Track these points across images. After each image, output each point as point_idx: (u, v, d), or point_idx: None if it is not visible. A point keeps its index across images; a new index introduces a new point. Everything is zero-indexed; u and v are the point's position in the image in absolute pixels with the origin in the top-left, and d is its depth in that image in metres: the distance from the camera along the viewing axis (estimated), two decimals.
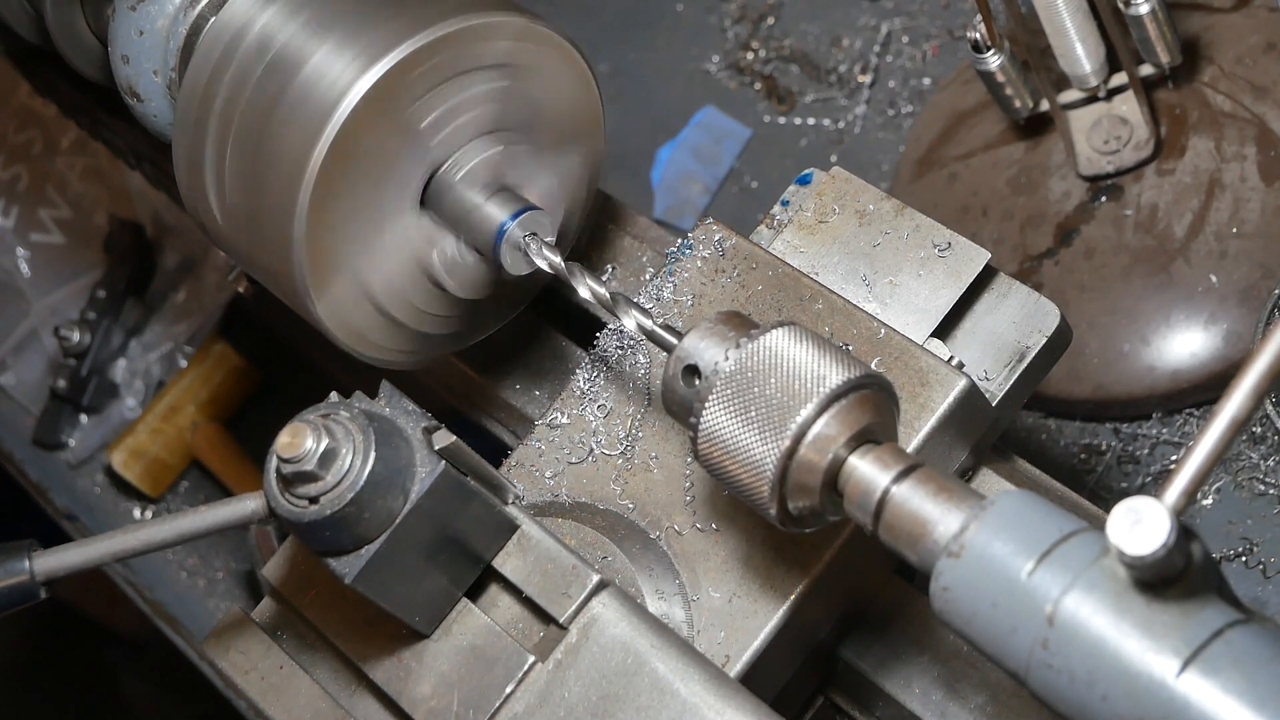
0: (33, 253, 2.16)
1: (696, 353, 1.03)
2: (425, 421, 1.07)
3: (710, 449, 1.02)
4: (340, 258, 1.16)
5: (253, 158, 1.16)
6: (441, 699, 1.09)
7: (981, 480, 1.21)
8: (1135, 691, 0.82)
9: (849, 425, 0.98)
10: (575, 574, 1.09)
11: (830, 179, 1.29)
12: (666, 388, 1.05)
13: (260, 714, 1.17)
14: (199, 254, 2.06)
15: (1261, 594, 1.48)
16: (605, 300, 1.15)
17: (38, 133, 2.20)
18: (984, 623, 0.88)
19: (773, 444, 0.98)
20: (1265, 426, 1.54)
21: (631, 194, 1.94)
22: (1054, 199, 1.64)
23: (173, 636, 1.89)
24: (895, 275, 1.23)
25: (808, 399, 0.98)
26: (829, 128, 1.90)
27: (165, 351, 2.05)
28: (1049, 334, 1.22)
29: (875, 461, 0.98)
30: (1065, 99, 1.62)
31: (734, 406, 1.00)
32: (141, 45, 1.27)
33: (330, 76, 1.12)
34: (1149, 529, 0.80)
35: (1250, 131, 1.58)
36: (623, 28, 2.07)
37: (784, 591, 1.13)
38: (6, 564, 1.08)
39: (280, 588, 1.20)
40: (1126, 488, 1.58)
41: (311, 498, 1.03)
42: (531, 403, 1.35)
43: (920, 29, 1.91)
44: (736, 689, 1.04)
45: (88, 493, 2.02)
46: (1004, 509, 0.90)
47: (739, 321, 1.04)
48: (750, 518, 1.15)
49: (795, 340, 1.01)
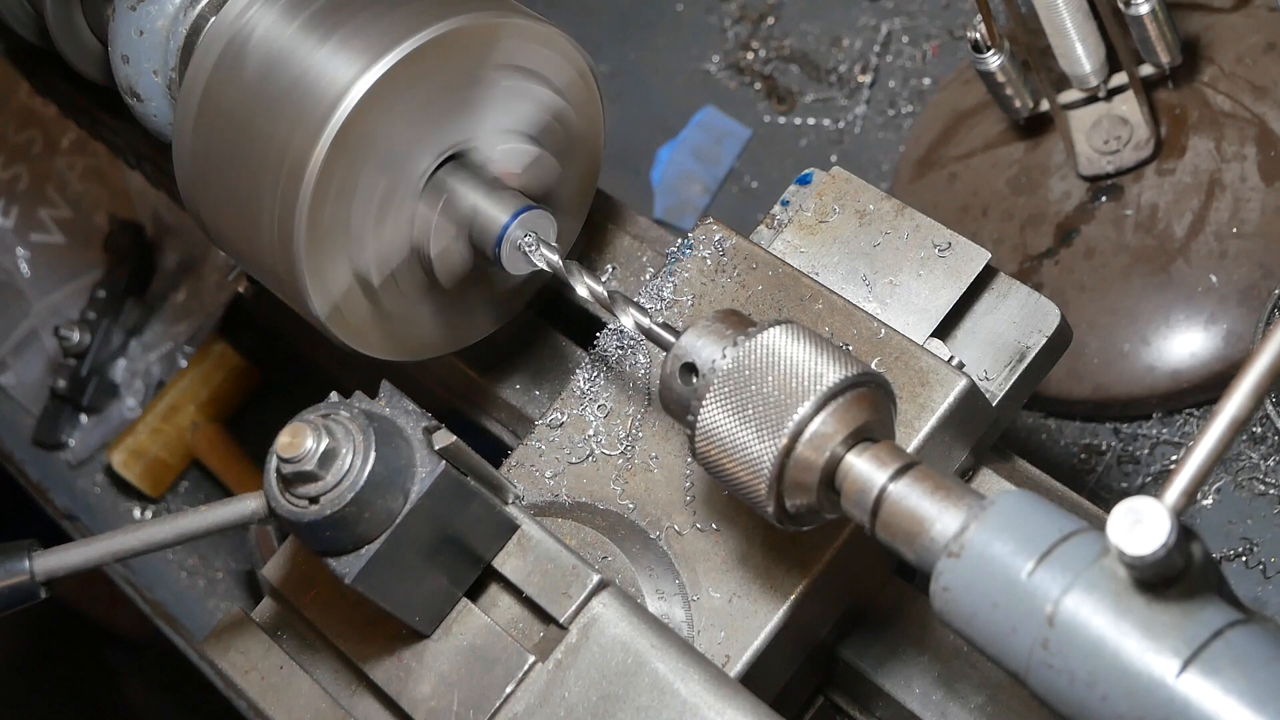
0: (33, 253, 2.16)
1: (694, 351, 1.04)
2: (425, 421, 1.07)
3: (708, 447, 1.02)
4: (339, 254, 1.16)
5: (253, 158, 1.16)
6: (441, 699, 1.09)
7: (981, 480, 1.21)
8: (1135, 691, 0.82)
9: (846, 423, 0.99)
10: (575, 574, 1.09)
11: (830, 179, 1.29)
12: (664, 386, 1.05)
13: (260, 714, 1.17)
14: (199, 254, 2.06)
15: (1261, 594, 1.49)
16: (603, 299, 1.15)
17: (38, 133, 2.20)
18: (984, 623, 0.88)
19: (770, 442, 0.99)
20: (1265, 426, 1.54)
21: (631, 194, 1.94)
22: (1054, 199, 1.64)
23: (173, 636, 1.89)
24: (895, 275, 1.23)
25: (805, 397, 0.98)
26: (829, 128, 1.90)
27: (165, 351, 2.04)
28: (1049, 334, 1.22)
29: (872, 459, 0.98)
30: (1065, 99, 1.62)
31: (731, 405, 1.00)
32: (141, 45, 1.27)
33: (330, 76, 1.12)
34: (1149, 529, 0.80)
35: (1250, 131, 1.58)
36: (623, 28, 2.07)
37: (784, 591, 1.13)
38: (6, 564, 1.08)
39: (280, 588, 1.20)
40: (1126, 488, 1.58)
41: (311, 498, 1.03)
42: (531, 403, 1.35)
43: (920, 29, 1.91)
44: (736, 689, 1.04)
45: (88, 493, 2.02)
46: (1004, 509, 0.90)
47: (737, 320, 1.04)
48: (750, 518, 1.15)
49: (792, 338, 1.01)
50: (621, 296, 1.14)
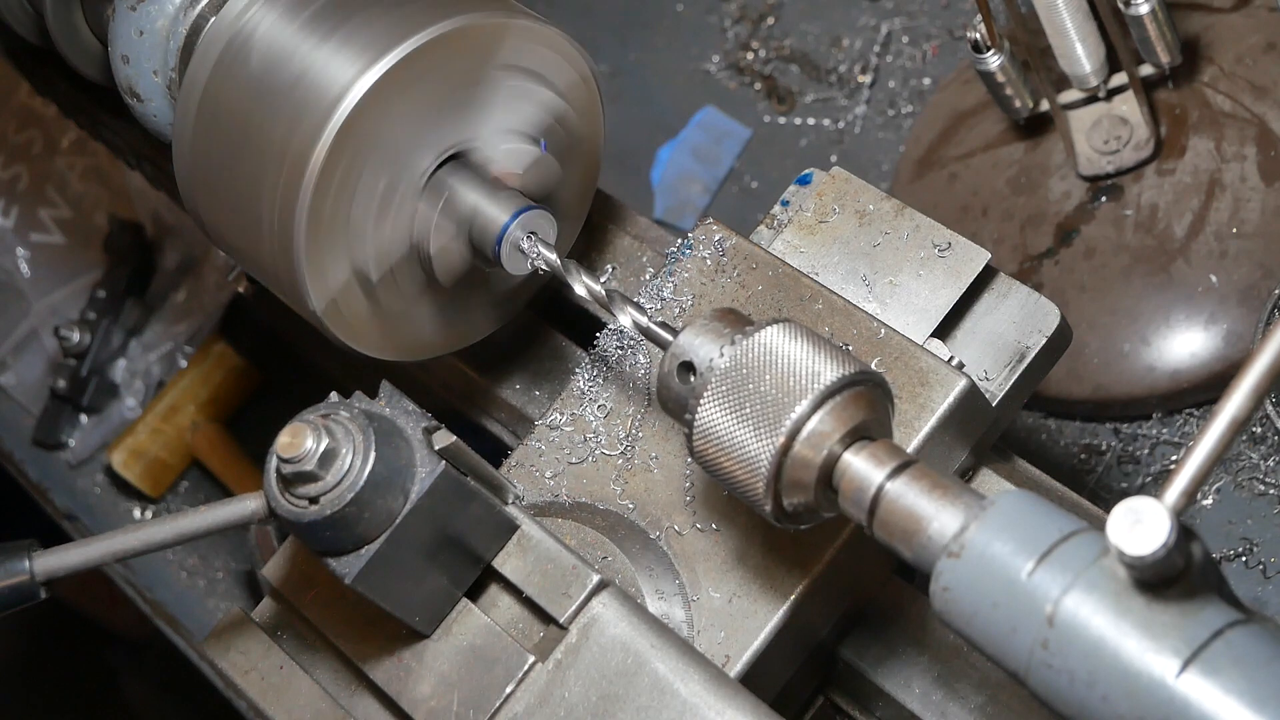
0: (33, 253, 2.16)
1: (691, 349, 1.04)
2: (425, 421, 1.07)
3: (705, 445, 1.02)
4: (341, 259, 1.16)
5: (253, 157, 1.16)
6: (441, 699, 1.09)
7: (981, 480, 1.21)
8: (1135, 691, 0.82)
9: (844, 422, 0.99)
10: (575, 574, 1.09)
11: (830, 179, 1.29)
12: (662, 384, 1.05)
13: (260, 714, 1.17)
14: (199, 254, 2.06)
15: (1261, 594, 1.48)
16: (601, 297, 1.15)
17: (38, 133, 2.20)
18: (984, 623, 0.88)
19: (768, 440, 0.99)
20: (1265, 426, 1.54)
21: (631, 194, 1.94)
22: (1054, 199, 1.64)
23: (173, 636, 1.89)
24: (895, 275, 1.23)
25: (802, 395, 0.98)
26: (829, 128, 1.90)
27: (165, 351, 2.04)
28: (1049, 334, 1.22)
29: (870, 458, 0.98)
30: (1065, 99, 1.62)
31: (729, 403, 1.00)
32: (141, 45, 1.27)
33: (331, 75, 1.12)
34: (1149, 529, 0.80)
35: (1250, 131, 1.58)
36: (623, 28, 2.07)
37: (784, 591, 1.13)
38: (6, 564, 1.08)
39: (280, 588, 1.20)
40: (1126, 488, 1.58)
41: (311, 498, 1.03)
42: (531, 403, 1.35)
43: (920, 29, 1.91)
44: (736, 689, 1.04)
45: (88, 493, 2.02)
46: (1004, 509, 0.90)
47: (734, 318, 1.05)
48: (750, 517, 1.15)
49: (790, 337, 1.01)
50: (620, 295, 1.14)
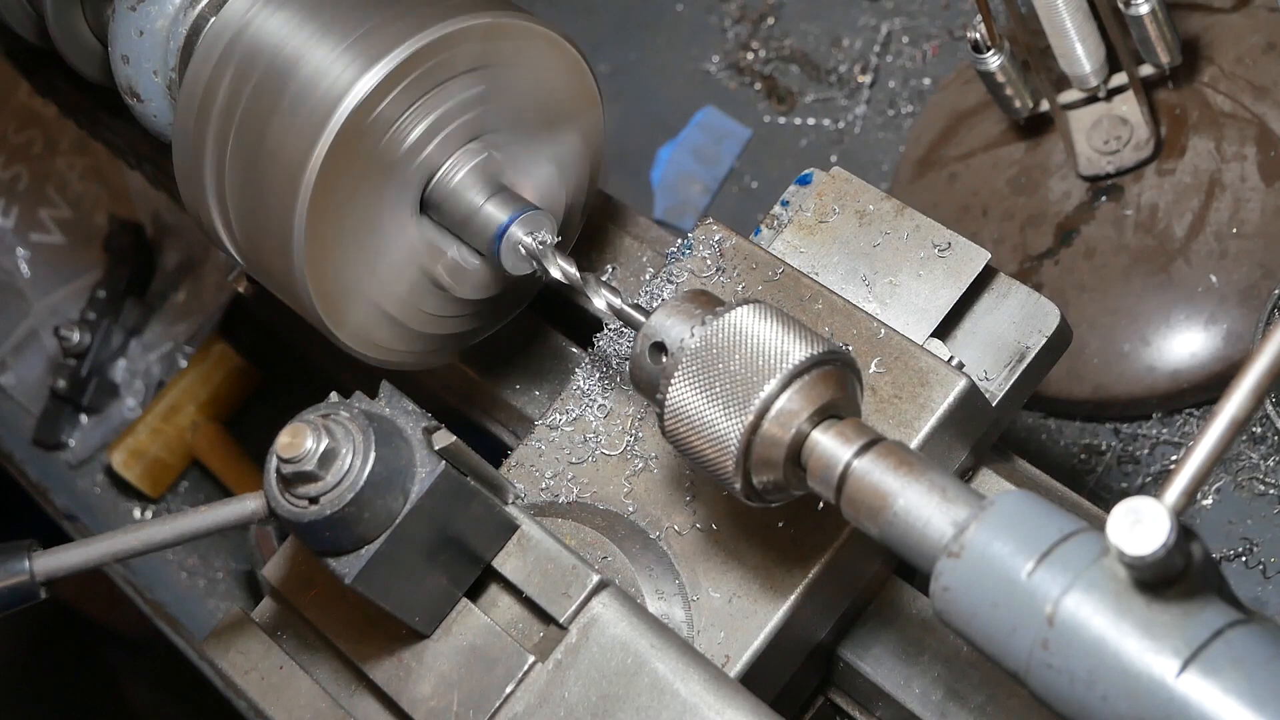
0: (33, 253, 2.16)
1: (663, 330, 1.05)
2: (425, 421, 1.07)
3: (676, 425, 1.03)
4: (342, 260, 1.16)
5: (253, 158, 1.16)
6: (441, 699, 1.09)
7: (981, 480, 1.21)
8: (1135, 691, 0.82)
9: (812, 400, 1.00)
10: (575, 574, 1.09)
11: (830, 179, 1.29)
12: (634, 364, 1.06)
13: (260, 714, 1.17)
14: (199, 254, 2.06)
15: (1261, 594, 1.49)
16: (575, 280, 1.16)
17: (38, 133, 2.20)
18: (984, 623, 0.88)
19: (737, 419, 1.00)
20: (1265, 426, 1.54)
21: (631, 194, 1.94)
22: (1054, 199, 1.64)
23: (173, 636, 1.88)
24: (895, 275, 1.23)
25: (771, 375, 0.99)
26: (829, 128, 1.90)
27: (165, 351, 2.04)
28: (1049, 334, 1.22)
29: (838, 436, 0.99)
30: (1065, 99, 1.62)
31: (699, 382, 1.02)
32: (141, 45, 1.27)
33: (331, 76, 1.12)
34: (1149, 529, 0.80)
35: (1250, 131, 1.58)
36: (623, 28, 2.07)
37: (784, 591, 1.13)
38: (6, 564, 1.08)
39: (280, 588, 1.20)
40: (1126, 488, 1.58)
41: (311, 498, 1.03)
42: (531, 403, 1.35)
43: (920, 29, 1.91)
44: (736, 689, 1.04)
45: (88, 493, 2.02)
46: (1004, 509, 0.90)
47: (706, 299, 1.06)
48: (750, 517, 1.15)
49: (760, 317, 1.02)
50: (593, 277, 1.15)
